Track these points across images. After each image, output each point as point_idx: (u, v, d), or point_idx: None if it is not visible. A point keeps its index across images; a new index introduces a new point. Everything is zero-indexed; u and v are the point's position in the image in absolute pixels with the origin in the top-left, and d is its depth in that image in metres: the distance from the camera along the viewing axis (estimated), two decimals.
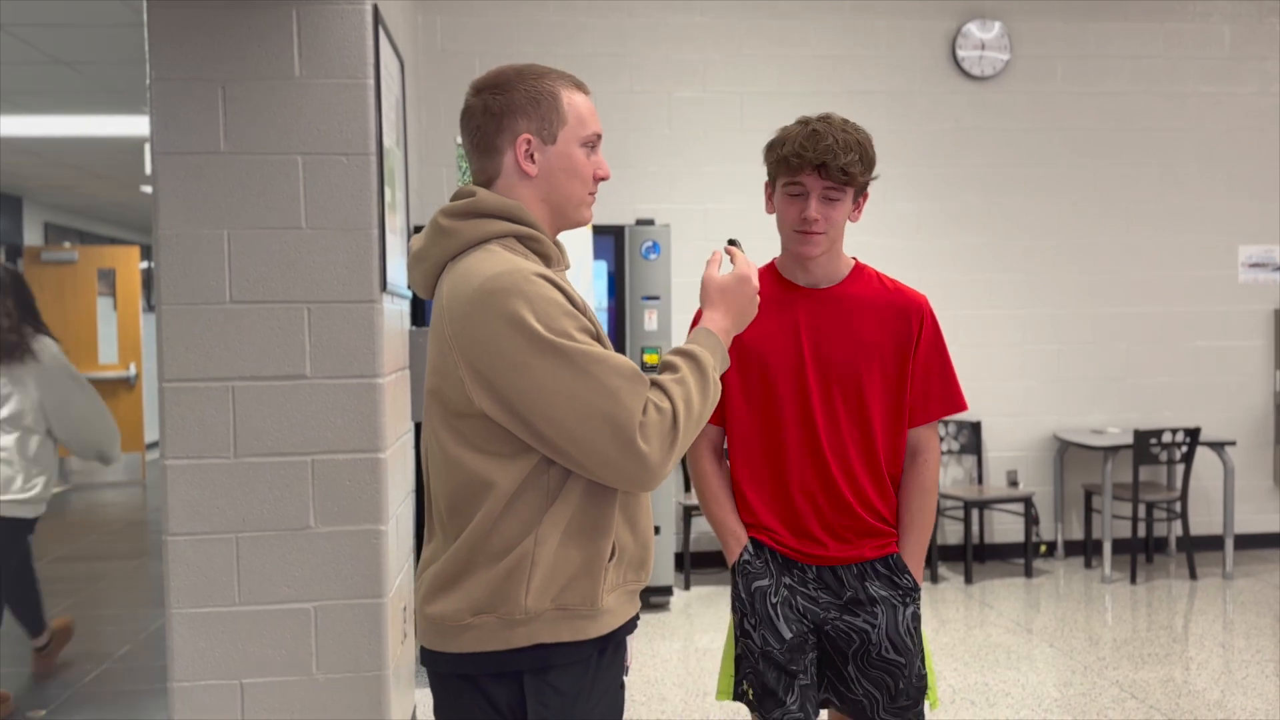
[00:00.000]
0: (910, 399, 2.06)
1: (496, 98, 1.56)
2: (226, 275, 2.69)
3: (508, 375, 1.43)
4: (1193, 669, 4.22)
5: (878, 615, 2.05)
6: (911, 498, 2.09)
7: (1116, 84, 5.97)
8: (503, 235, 1.54)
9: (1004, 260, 5.90)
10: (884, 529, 2.08)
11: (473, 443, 1.50)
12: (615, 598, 1.57)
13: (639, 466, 1.43)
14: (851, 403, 2.02)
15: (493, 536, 1.50)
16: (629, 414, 1.42)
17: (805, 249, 2.01)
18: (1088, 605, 5.13)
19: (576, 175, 1.59)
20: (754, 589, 2.06)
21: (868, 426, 2.03)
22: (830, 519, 2.04)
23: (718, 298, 1.66)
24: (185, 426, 2.69)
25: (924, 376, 2.07)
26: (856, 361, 2.02)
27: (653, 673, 4.21)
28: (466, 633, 1.52)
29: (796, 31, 5.75)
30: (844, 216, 2.01)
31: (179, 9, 2.67)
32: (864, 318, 2.04)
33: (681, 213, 5.69)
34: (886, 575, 2.07)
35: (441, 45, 5.51)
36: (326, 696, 2.74)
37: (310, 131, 2.71)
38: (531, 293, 1.44)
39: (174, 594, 2.70)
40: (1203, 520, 6.02)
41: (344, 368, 2.74)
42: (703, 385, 1.53)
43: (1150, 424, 5.94)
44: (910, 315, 2.05)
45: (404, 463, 3.26)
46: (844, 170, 1.94)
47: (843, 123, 1.98)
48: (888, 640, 2.04)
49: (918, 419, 2.08)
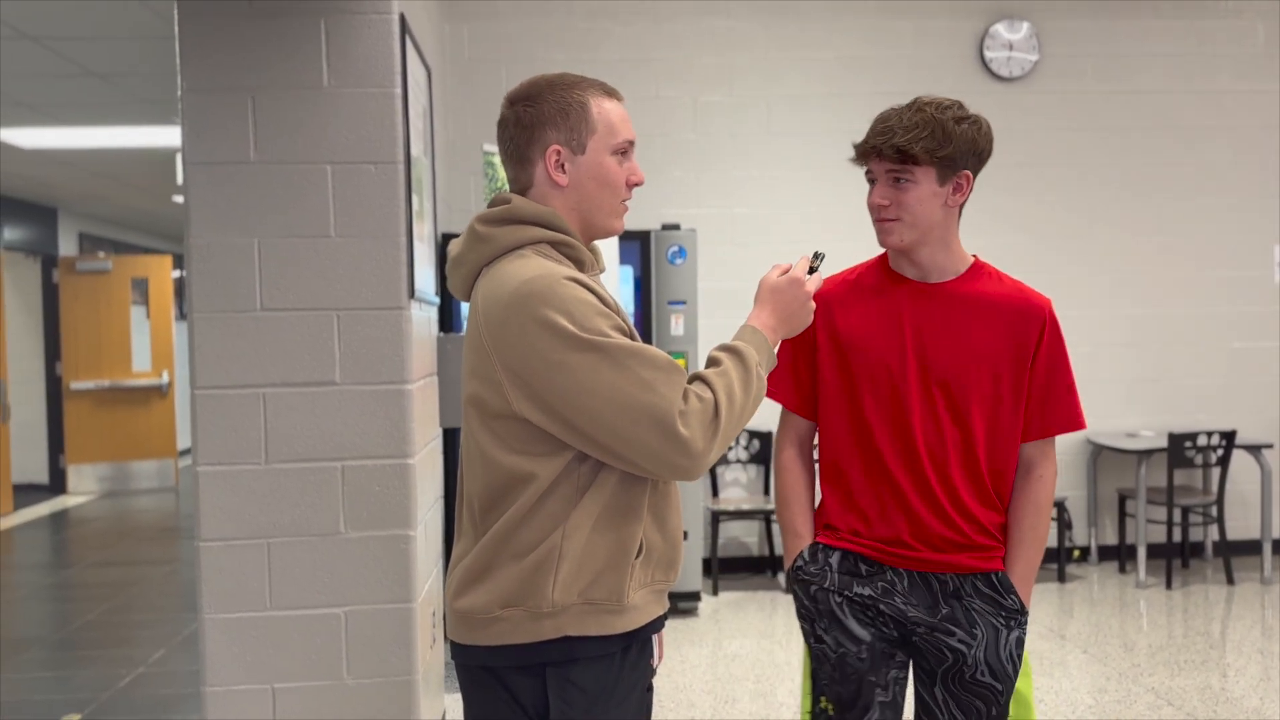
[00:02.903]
0: (1028, 412, 1.89)
1: (527, 109, 1.59)
2: (257, 283, 2.72)
3: (545, 376, 1.46)
4: (1230, 676, 4.15)
5: (977, 635, 1.88)
6: (1023, 515, 1.91)
7: (1148, 82, 5.90)
8: (537, 241, 1.58)
9: (1035, 261, 5.85)
10: (985, 543, 1.90)
11: (510, 444, 1.52)
12: (643, 595, 1.58)
13: (682, 453, 1.45)
14: (955, 407, 1.86)
15: (522, 530, 1.52)
16: (668, 403, 1.44)
17: (882, 237, 1.87)
18: (1122, 611, 5.06)
19: (607, 184, 1.61)
20: (813, 592, 1.93)
21: (970, 434, 1.87)
22: (923, 526, 1.88)
23: (768, 296, 1.68)
24: (217, 433, 2.71)
25: (1044, 389, 1.89)
26: (965, 364, 1.86)
27: (681, 679, 4.19)
28: (494, 625, 1.54)
29: (821, 34, 5.73)
30: (924, 200, 1.82)
31: (209, 21, 2.70)
32: (978, 318, 1.87)
33: (707, 217, 5.68)
34: (989, 594, 1.90)
35: (468, 54, 5.54)
36: (357, 701, 2.75)
37: (339, 140, 2.73)
38: (564, 294, 1.47)
39: (206, 599, 2.72)
40: (1239, 525, 5.92)
41: (373, 374, 2.75)
42: (745, 378, 1.54)
43: (1185, 427, 5.86)
44: (1030, 320, 1.87)
45: (433, 468, 3.27)
46: (899, 149, 1.78)
47: (926, 103, 1.81)
48: (985, 664, 1.87)
49: (1034, 434, 1.90)
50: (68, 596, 5.87)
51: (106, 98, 5.83)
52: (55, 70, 5.25)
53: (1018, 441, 1.91)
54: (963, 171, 1.84)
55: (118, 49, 4.95)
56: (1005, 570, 1.92)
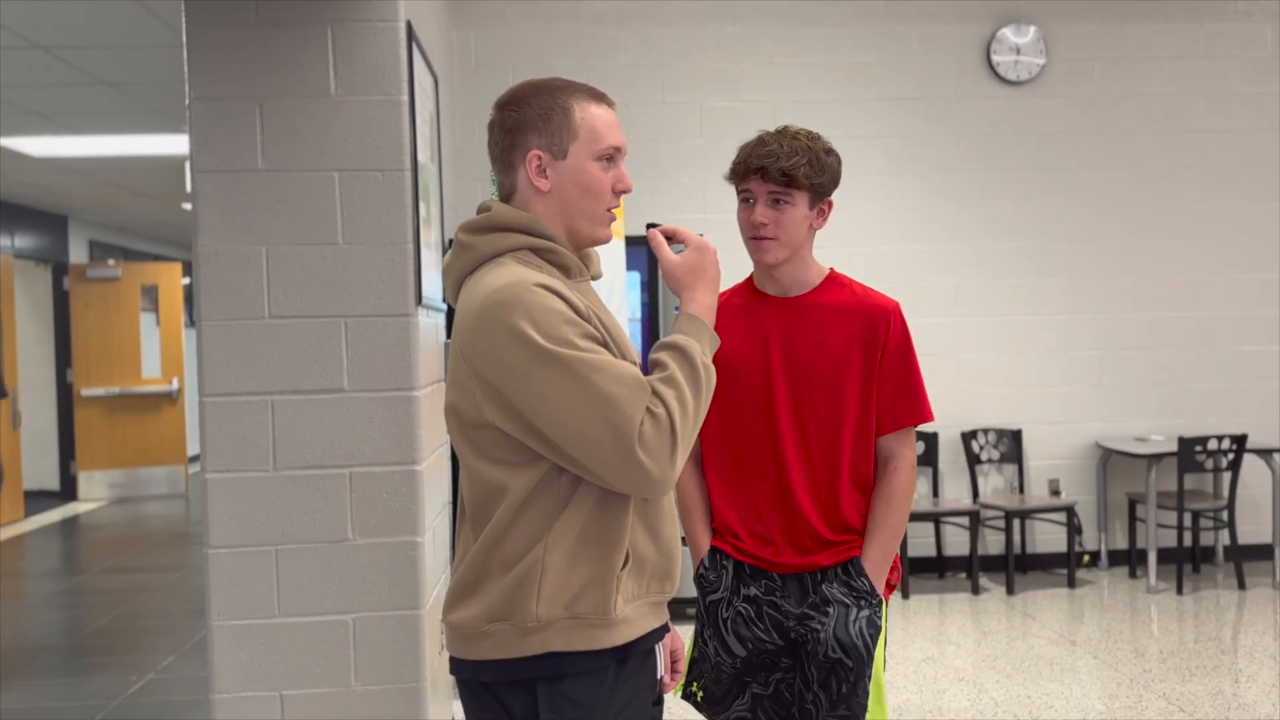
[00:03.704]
0: (878, 407, 2.04)
1: (511, 114, 1.59)
2: (265, 290, 2.73)
3: (513, 386, 1.46)
4: (1242, 681, 4.12)
5: (829, 615, 2.02)
6: (877, 504, 2.06)
7: (1156, 86, 5.88)
8: (517, 248, 1.56)
9: (1044, 266, 5.83)
10: (844, 539, 2.06)
11: (488, 453, 1.52)
12: (635, 608, 1.56)
13: (643, 476, 1.45)
14: (820, 412, 2.02)
15: (505, 543, 1.52)
16: (628, 420, 1.43)
17: (758, 255, 2.02)
18: (1133, 616, 5.03)
19: (589, 190, 1.59)
20: (708, 602, 2.09)
21: (838, 436, 2.02)
22: (790, 528, 2.04)
23: (690, 279, 1.62)
24: (225, 440, 2.72)
25: (893, 383, 2.04)
26: (826, 370, 2.02)
27: None
28: (484, 640, 1.54)
29: (828, 39, 5.73)
30: (798, 222, 2.00)
31: (217, 30, 2.71)
32: (833, 326, 2.03)
33: (714, 222, 5.66)
34: (844, 579, 2.05)
35: (475, 61, 5.55)
36: (365, 707, 2.76)
37: (346, 148, 2.74)
38: (531, 302, 1.46)
39: (215, 606, 2.73)
40: (1251, 529, 5.89)
41: (381, 381, 2.76)
42: (694, 378, 1.51)
43: (1195, 431, 5.83)
44: (877, 320, 2.03)
45: (440, 475, 3.28)
46: (785, 173, 1.94)
47: (798, 132, 2.00)
48: (834, 639, 2.00)
49: (885, 427, 2.06)
50: (78, 603, 5.89)
51: (116, 106, 5.86)
52: (66, 79, 5.28)
53: (873, 437, 2.06)
54: (828, 199, 2.04)
55: (127, 58, 4.98)
56: (860, 556, 2.06)
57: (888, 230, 5.77)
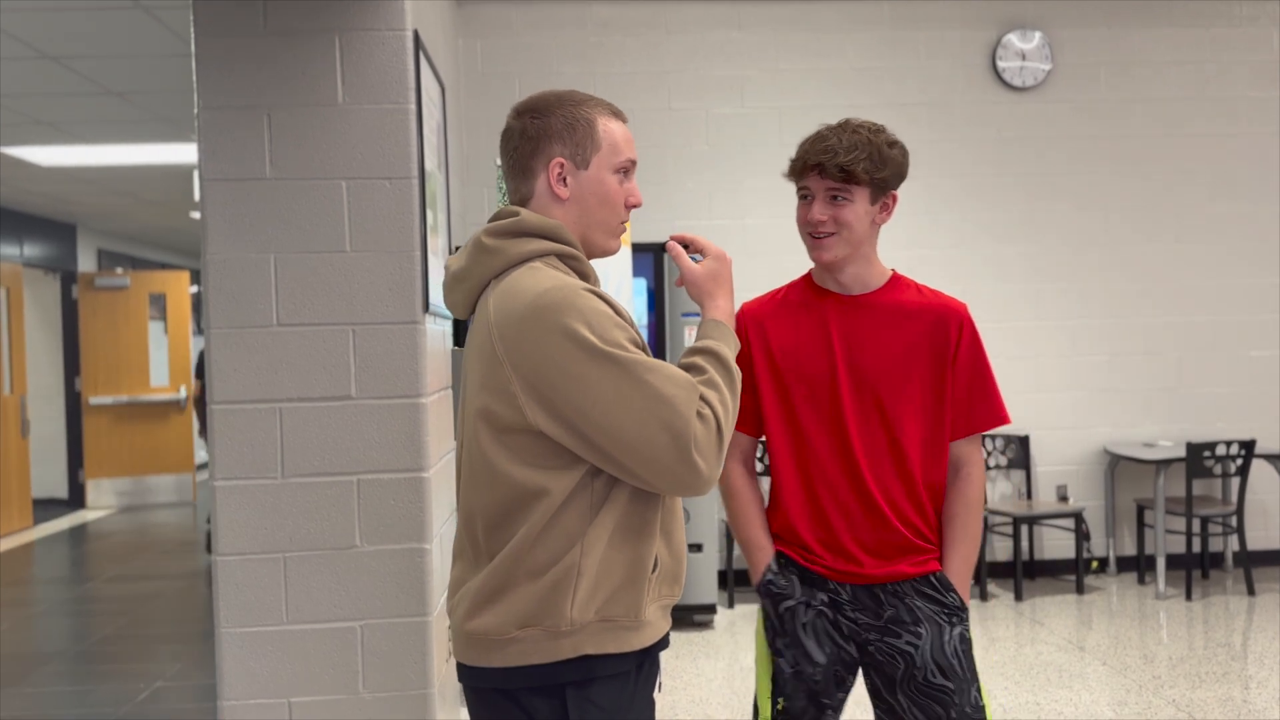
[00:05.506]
0: (951, 411, 1.98)
1: (534, 121, 1.60)
2: (273, 298, 2.74)
3: (564, 388, 1.45)
4: (1252, 688, 4.11)
5: (921, 635, 1.94)
6: (956, 513, 1.99)
7: (1162, 91, 5.88)
8: (544, 254, 1.57)
9: (1051, 271, 5.83)
10: (922, 545, 1.98)
11: (522, 458, 1.51)
12: (653, 611, 1.57)
13: (694, 475, 1.46)
14: (886, 413, 1.95)
15: (538, 548, 1.51)
16: (685, 422, 1.44)
17: (817, 253, 1.95)
18: (1142, 622, 5.02)
19: (607, 201, 1.61)
20: (782, 610, 2.00)
21: (902, 438, 1.95)
22: (865, 534, 1.96)
23: (712, 285, 1.65)
24: (234, 448, 2.73)
25: (966, 388, 1.98)
26: (891, 370, 1.95)
27: (698, 692, 4.18)
28: (511, 646, 1.52)
29: (834, 45, 5.74)
30: (859, 218, 1.93)
31: (226, 39, 2.73)
32: (899, 326, 1.96)
33: (721, 228, 5.69)
34: (930, 593, 1.97)
35: (482, 69, 5.57)
36: (372, 714, 2.76)
37: (353, 156, 2.75)
38: (584, 306, 1.47)
39: (223, 613, 2.73)
40: (1260, 534, 5.87)
41: (388, 388, 2.77)
42: (729, 379, 1.55)
43: (1203, 436, 5.81)
44: (949, 323, 1.97)
45: (447, 482, 3.28)
46: (843, 168, 1.88)
47: (859, 125, 1.92)
48: (933, 663, 1.92)
49: (960, 432, 1.99)
50: (86, 611, 5.90)
51: (125, 116, 5.89)
52: (74, 89, 5.31)
53: (946, 442, 1.99)
54: (891, 193, 1.96)
55: (136, 68, 5.00)
56: (942, 569, 1.99)
57: (894, 236, 5.76)
